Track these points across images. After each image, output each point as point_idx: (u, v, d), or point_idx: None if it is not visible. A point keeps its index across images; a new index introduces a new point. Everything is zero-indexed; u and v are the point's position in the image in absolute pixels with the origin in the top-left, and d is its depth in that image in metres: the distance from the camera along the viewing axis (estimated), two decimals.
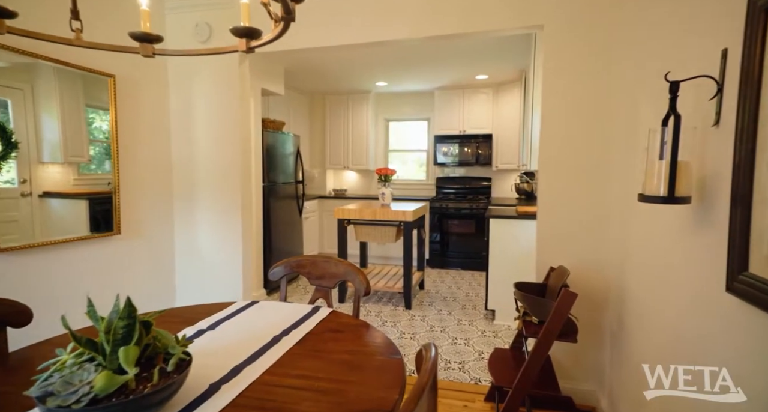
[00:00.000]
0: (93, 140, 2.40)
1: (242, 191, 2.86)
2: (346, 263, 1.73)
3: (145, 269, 2.73)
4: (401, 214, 3.78)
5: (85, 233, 2.32)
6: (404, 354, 2.90)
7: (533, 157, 3.32)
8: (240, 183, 2.84)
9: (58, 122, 2.28)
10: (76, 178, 2.40)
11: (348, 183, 6.38)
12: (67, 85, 2.29)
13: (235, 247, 2.87)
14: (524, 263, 3.30)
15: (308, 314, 1.59)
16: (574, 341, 1.90)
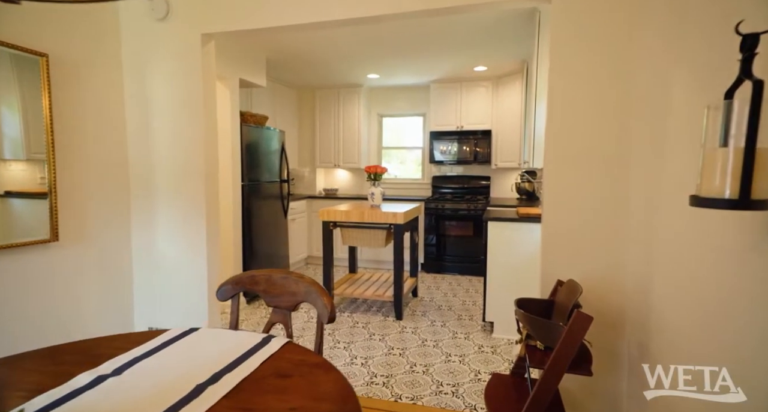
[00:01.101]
0: None
1: (207, 192, 2.53)
2: (308, 280, 1.40)
3: (94, 281, 2.40)
4: (391, 216, 3.44)
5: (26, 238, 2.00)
6: (391, 375, 2.57)
7: (536, 153, 2.99)
8: (204, 182, 2.50)
9: (18, 115, 1.99)
10: (43, 177, 2.08)
11: (339, 182, 6.04)
12: (27, 75, 1.99)
13: (198, 254, 2.53)
14: (526, 271, 2.98)
15: (255, 347, 1.25)
16: (589, 373, 1.57)
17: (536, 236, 2.90)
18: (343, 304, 3.91)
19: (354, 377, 2.56)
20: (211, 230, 2.56)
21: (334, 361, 2.76)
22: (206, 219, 2.52)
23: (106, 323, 2.49)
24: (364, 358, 2.81)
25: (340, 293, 3.69)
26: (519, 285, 3.02)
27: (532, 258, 2.96)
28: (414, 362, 2.76)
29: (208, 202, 2.54)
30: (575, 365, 1.54)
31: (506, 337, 3.13)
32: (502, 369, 2.65)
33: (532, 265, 2.96)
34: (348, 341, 3.09)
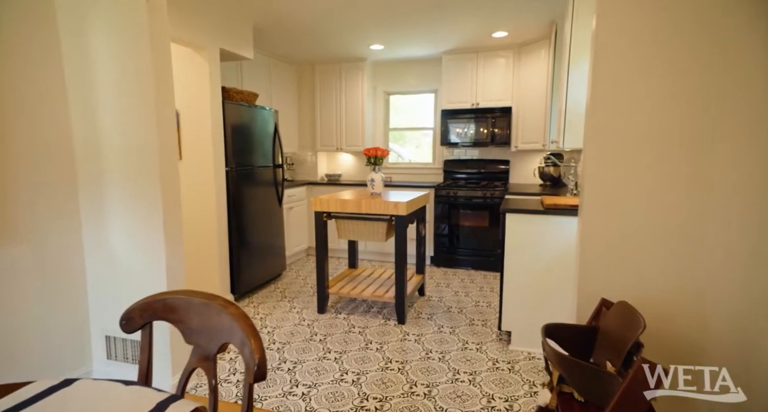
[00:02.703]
0: None
1: (164, 180, 2.09)
2: (233, 311, 0.95)
3: (33, 286, 2.01)
4: (392, 206, 2.97)
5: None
6: (385, 399, 2.14)
7: (568, 133, 2.45)
8: (159, 169, 2.07)
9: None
10: None
11: (343, 167, 5.58)
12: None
13: (156, 253, 2.12)
14: (552, 275, 2.49)
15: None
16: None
17: (566, 232, 2.40)
18: (340, 303, 3.49)
19: (341, 399, 2.14)
20: (170, 227, 2.13)
21: (321, 376, 2.34)
22: (163, 213, 2.09)
23: (54, 333, 2.11)
24: (357, 373, 2.38)
25: (336, 291, 3.26)
26: (543, 292, 2.53)
27: (561, 259, 2.46)
28: (415, 380, 2.32)
29: (166, 192, 2.10)
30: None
31: (526, 350, 2.66)
32: (522, 394, 2.18)
33: (559, 268, 2.47)
34: (340, 350, 2.67)
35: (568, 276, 2.44)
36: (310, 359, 2.55)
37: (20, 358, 1.98)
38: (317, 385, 2.27)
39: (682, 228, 1.39)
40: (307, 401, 2.12)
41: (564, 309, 2.49)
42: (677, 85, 1.40)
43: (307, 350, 2.68)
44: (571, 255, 2.41)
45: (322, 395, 2.18)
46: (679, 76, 1.40)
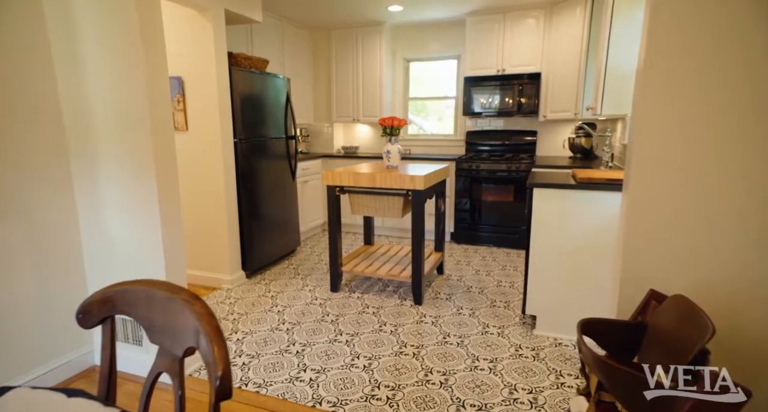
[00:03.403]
0: None
1: (158, 152, 1.93)
2: (199, 308, 0.77)
3: (26, 264, 1.90)
4: (409, 180, 2.75)
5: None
6: (398, 386, 1.99)
7: (608, 98, 2.16)
8: (151, 141, 1.90)
9: None
10: None
11: (360, 139, 5.35)
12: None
13: (153, 230, 1.98)
14: (583, 255, 2.25)
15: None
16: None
17: (602, 209, 2.15)
18: (354, 282, 3.34)
19: (350, 386, 2.00)
20: (166, 201, 1.98)
21: (330, 360, 2.21)
22: (158, 186, 1.94)
23: (52, 313, 2.02)
24: (368, 358, 2.24)
25: (350, 270, 3.11)
26: (572, 274, 2.31)
27: (594, 239, 2.22)
28: (430, 366, 2.16)
29: (161, 165, 1.94)
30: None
31: (552, 335, 2.46)
32: (547, 385, 2.00)
33: (592, 249, 2.23)
34: (352, 332, 2.53)
35: (602, 258, 2.21)
36: (321, 342, 2.42)
37: (18, 340, 1.90)
38: (326, 370, 2.14)
39: (754, 209, 1.14)
40: (315, 387, 2.00)
41: (596, 295, 2.27)
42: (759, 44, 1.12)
43: (317, 331, 2.55)
44: (607, 235, 2.17)
45: (331, 381, 2.05)
46: (760, 32, 1.12)
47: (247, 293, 3.15)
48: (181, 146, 3.17)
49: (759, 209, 1.14)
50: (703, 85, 1.21)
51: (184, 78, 3.08)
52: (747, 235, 1.17)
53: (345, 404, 1.87)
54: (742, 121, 1.16)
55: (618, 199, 2.12)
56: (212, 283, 3.30)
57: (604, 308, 2.21)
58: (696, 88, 1.22)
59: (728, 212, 1.18)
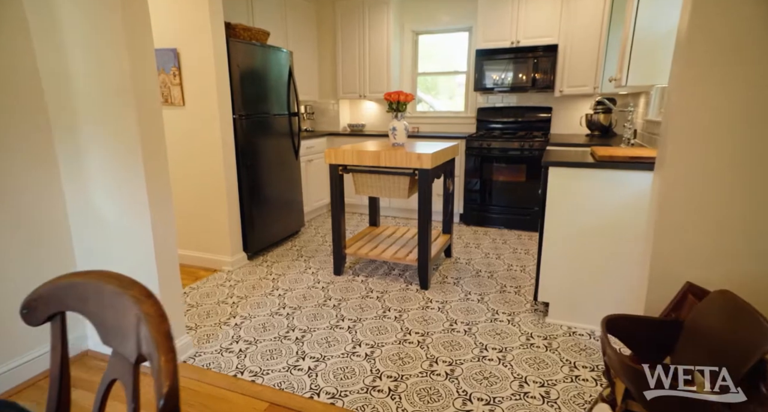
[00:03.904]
0: None
1: (143, 129, 1.79)
2: (148, 308, 0.64)
3: (8, 249, 1.80)
4: (415, 158, 2.59)
5: None
6: (401, 377, 1.88)
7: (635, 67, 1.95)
8: (136, 117, 1.76)
9: None
10: None
11: (367, 117, 5.16)
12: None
13: (140, 209, 1.86)
14: (602, 238, 2.10)
15: None
16: None
17: (624, 190, 1.98)
18: (358, 264, 3.23)
19: (351, 376, 1.90)
20: (154, 178, 1.85)
21: (331, 348, 2.11)
22: (144, 163, 1.81)
23: None
24: (371, 346, 2.14)
25: (353, 252, 2.98)
26: (589, 259, 2.16)
27: (614, 222, 2.06)
28: (436, 356, 2.05)
29: (146, 141, 1.81)
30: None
31: (566, 324, 2.32)
32: (560, 377, 1.88)
33: (612, 232, 2.07)
34: (355, 318, 2.42)
35: (623, 243, 2.05)
36: (321, 328, 2.32)
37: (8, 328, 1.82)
38: (326, 358, 2.04)
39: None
40: (313, 377, 1.90)
41: (615, 282, 2.12)
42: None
43: (318, 316, 2.44)
44: (628, 218, 2.00)
45: (330, 370, 1.94)
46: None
47: (247, 275, 3.05)
48: (178, 122, 3.04)
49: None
50: (759, 54, 1.02)
51: (179, 50, 2.92)
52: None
53: (344, 396, 1.77)
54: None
55: (642, 179, 1.95)
56: (213, 265, 3.20)
57: (625, 297, 2.07)
58: (749, 55, 1.04)
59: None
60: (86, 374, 1.98)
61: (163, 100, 3.03)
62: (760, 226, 1.06)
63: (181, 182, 3.15)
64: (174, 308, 2.00)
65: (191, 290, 2.82)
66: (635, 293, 2.08)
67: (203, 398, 1.80)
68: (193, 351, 2.11)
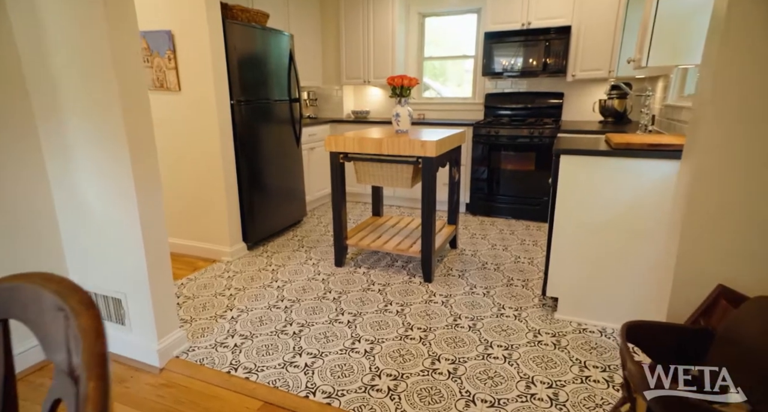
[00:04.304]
0: None
1: (127, 114, 1.69)
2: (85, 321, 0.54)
3: None
4: (419, 146, 2.47)
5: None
6: (401, 375, 1.79)
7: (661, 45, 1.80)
8: (119, 101, 1.65)
9: None
10: None
11: (372, 103, 5.02)
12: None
13: (127, 200, 1.77)
14: (616, 231, 1.98)
15: None
16: None
17: (641, 180, 1.86)
18: (360, 256, 3.13)
19: (349, 374, 1.81)
20: (141, 167, 1.76)
21: (329, 344, 2.03)
22: (130, 153, 1.71)
23: None
24: (371, 342, 2.05)
25: (355, 243, 2.89)
26: (602, 253, 2.04)
27: (630, 213, 1.94)
28: (438, 353, 1.96)
29: (131, 127, 1.71)
30: None
31: (575, 320, 2.22)
32: (570, 378, 1.78)
33: (627, 224, 1.95)
34: (355, 312, 2.33)
35: (639, 237, 1.93)
36: (320, 322, 2.23)
37: None
38: (323, 354, 1.95)
39: None
40: (309, 374, 1.82)
41: (629, 278, 2.01)
42: None
43: (317, 310, 2.36)
44: (645, 210, 1.88)
45: (328, 367, 1.86)
46: None
47: (247, 266, 2.97)
48: (174, 108, 2.94)
49: None
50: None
51: (174, 32, 2.80)
52: None
53: (341, 396, 1.69)
54: None
55: (663, 168, 1.82)
56: (212, 255, 3.13)
57: (641, 295, 1.95)
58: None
59: None
60: None
61: (159, 85, 2.93)
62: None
63: (178, 170, 3.06)
64: (165, 303, 1.92)
65: (188, 281, 2.75)
66: (653, 291, 1.96)
67: (195, 395, 1.73)
68: (187, 346, 2.03)
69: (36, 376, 1.86)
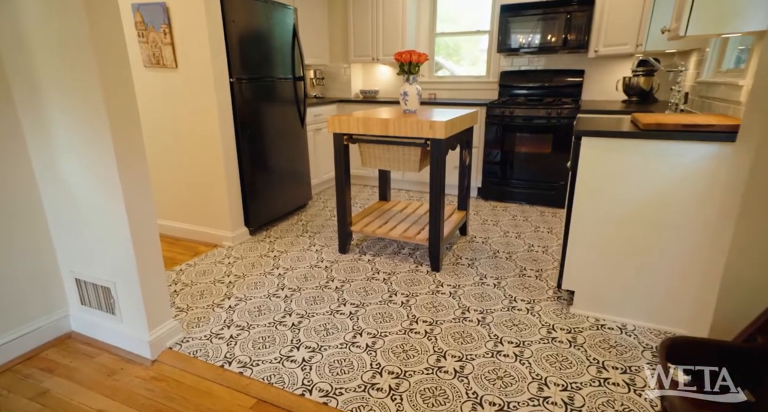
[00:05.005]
0: None
1: (107, 89, 1.55)
2: None
3: None
4: (427, 126, 2.30)
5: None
6: (404, 374, 1.67)
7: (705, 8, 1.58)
8: (98, 76, 1.52)
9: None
10: None
11: (381, 82, 4.81)
12: None
13: (111, 183, 1.65)
14: (643, 222, 1.80)
15: None
16: None
17: (672, 166, 1.68)
18: (366, 242, 3.00)
19: (348, 371, 1.70)
20: (124, 148, 1.63)
21: (329, 337, 1.92)
22: (111, 130, 1.58)
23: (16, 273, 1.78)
24: (373, 336, 1.93)
25: (359, 229, 2.75)
26: (626, 246, 1.88)
27: (659, 204, 1.76)
28: (444, 349, 1.83)
29: (112, 106, 1.57)
30: None
31: (593, 315, 2.07)
32: (587, 380, 1.64)
33: (655, 216, 1.78)
34: (358, 302, 2.22)
35: (668, 229, 1.76)
36: (320, 313, 2.12)
37: None
38: (322, 348, 1.84)
39: None
40: (306, 370, 1.71)
41: (655, 273, 1.85)
42: None
43: (318, 299, 2.25)
44: (677, 198, 1.70)
45: (326, 363, 1.75)
46: None
47: (248, 252, 2.87)
48: (171, 86, 2.80)
49: None
50: None
51: (168, 4, 2.63)
52: None
53: (339, 394, 1.58)
54: None
55: (699, 152, 1.63)
56: (213, 240, 3.03)
57: (668, 291, 1.79)
58: None
59: None
60: (66, 359, 1.84)
61: (155, 62, 2.78)
62: None
63: (176, 151, 2.94)
64: (156, 292, 1.82)
65: (188, 267, 2.66)
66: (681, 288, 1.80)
67: (185, 390, 1.64)
68: (181, 336, 1.94)
69: (24, 366, 1.79)
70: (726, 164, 1.57)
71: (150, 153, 3.01)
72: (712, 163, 1.61)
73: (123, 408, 1.56)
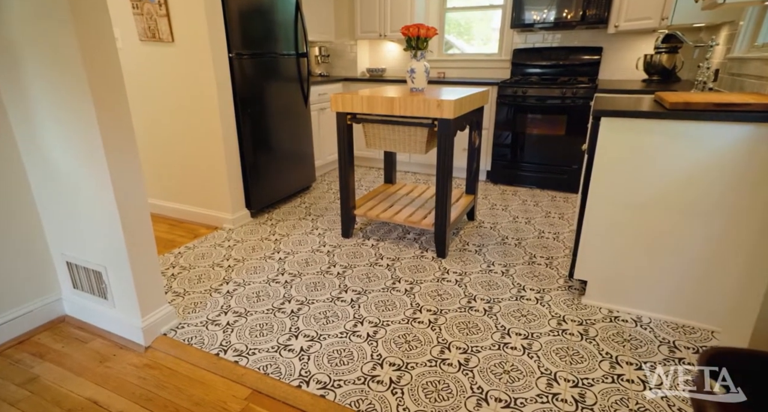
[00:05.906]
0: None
1: (89, 63, 1.44)
2: None
3: None
4: (435, 106, 2.16)
5: None
6: (405, 366, 1.60)
7: None
8: (77, 44, 1.40)
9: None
10: None
11: (388, 60, 4.64)
12: None
13: (97, 163, 1.55)
14: (664, 211, 1.68)
15: None
16: None
17: (700, 150, 1.55)
18: (370, 226, 2.91)
19: (348, 361, 1.63)
20: (109, 124, 1.53)
21: (329, 325, 1.84)
22: (95, 106, 1.47)
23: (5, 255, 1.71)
24: (374, 325, 1.85)
25: (363, 213, 2.66)
26: (645, 235, 1.76)
27: (684, 191, 1.64)
28: (448, 340, 1.75)
29: (95, 79, 1.46)
30: None
31: (606, 306, 1.96)
32: (599, 376, 1.55)
33: (679, 204, 1.65)
34: (360, 289, 2.14)
35: (694, 218, 1.64)
36: (321, 300, 2.05)
37: None
38: (321, 337, 1.77)
39: None
40: (304, 360, 1.64)
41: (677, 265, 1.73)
42: None
43: (319, 285, 2.17)
44: (706, 184, 1.58)
45: (325, 353, 1.68)
46: None
47: (249, 234, 2.79)
48: (167, 61, 2.68)
49: None
50: None
51: None
52: None
53: (337, 387, 1.51)
54: None
55: (732, 134, 1.50)
56: (214, 222, 2.96)
57: (689, 283, 1.68)
58: None
59: None
60: (58, 343, 1.79)
61: (150, 36, 2.66)
62: None
63: (175, 129, 2.84)
64: (148, 277, 1.75)
65: (186, 249, 2.59)
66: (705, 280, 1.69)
67: (179, 379, 1.58)
68: (176, 322, 1.88)
69: (15, 350, 1.74)
70: (764, 147, 1.44)
71: (148, 131, 2.92)
72: (746, 146, 1.48)
73: (113, 397, 1.50)
